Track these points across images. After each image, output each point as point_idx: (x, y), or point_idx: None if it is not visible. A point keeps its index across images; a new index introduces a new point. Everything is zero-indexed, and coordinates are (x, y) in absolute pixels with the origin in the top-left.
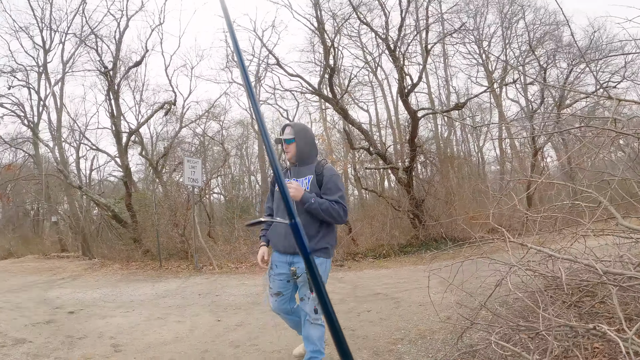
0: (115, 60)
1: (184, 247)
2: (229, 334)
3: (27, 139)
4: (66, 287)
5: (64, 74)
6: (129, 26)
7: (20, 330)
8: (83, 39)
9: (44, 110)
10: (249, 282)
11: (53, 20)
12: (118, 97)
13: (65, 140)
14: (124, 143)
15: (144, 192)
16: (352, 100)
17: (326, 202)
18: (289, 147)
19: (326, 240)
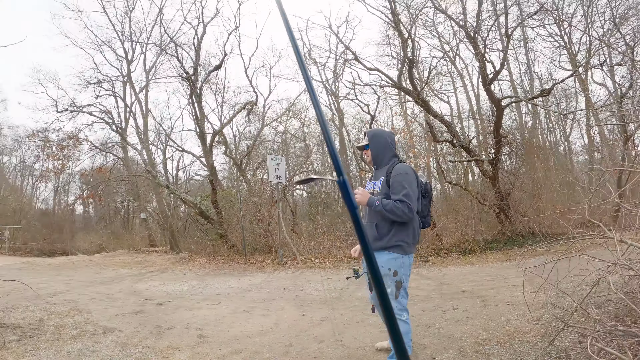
0: (195, 65)
1: (269, 242)
2: (313, 328)
3: (116, 143)
4: (155, 280)
5: (147, 81)
6: (206, 32)
7: (111, 319)
8: (163, 47)
9: (131, 116)
10: (333, 277)
11: (133, 32)
12: (201, 101)
13: (152, 143)
14: (209, 143)
15: (229, 190)
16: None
17: (390, 203)
18: (367, 152)
19: (399, 237)
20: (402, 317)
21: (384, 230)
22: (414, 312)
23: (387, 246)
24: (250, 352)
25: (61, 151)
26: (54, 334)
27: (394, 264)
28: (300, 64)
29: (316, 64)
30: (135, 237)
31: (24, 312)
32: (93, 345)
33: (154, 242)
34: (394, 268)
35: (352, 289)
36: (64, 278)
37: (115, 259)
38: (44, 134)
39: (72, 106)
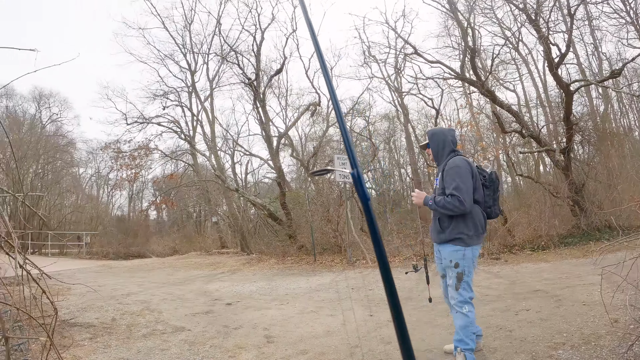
0: (257, 71)
1: (338, 241)
2: (380, 329)
3: (186, 150)
4: (225, 281)
5: (211, 90)
6: (265, 38)
7: (181, 319)
8: (224, 56)
9: (198, 124)
10: (402, 276)
11: (194, 44)
12: (265, 105)
13: (220, 148)
14: (275, 146)
15: (297, 191)
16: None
17: (442, 200)
18: (428, 151)
19: (459, 229)
20: (462, 310)
21: (445, 223)
22: (484, 313)
23: (449, 239)
24: (316, 352)
25: (133, 161)
26: (125, 332)
27: (455, 256)
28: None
29: (376, 60)
30: (207, 240)
31: (98, 312)
32: (162, 343)
33: (225, 244)
34: (455, 260)
35: (422, 288)
36: (138, 280)
37: (188, 261)
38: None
39: (141, 118)
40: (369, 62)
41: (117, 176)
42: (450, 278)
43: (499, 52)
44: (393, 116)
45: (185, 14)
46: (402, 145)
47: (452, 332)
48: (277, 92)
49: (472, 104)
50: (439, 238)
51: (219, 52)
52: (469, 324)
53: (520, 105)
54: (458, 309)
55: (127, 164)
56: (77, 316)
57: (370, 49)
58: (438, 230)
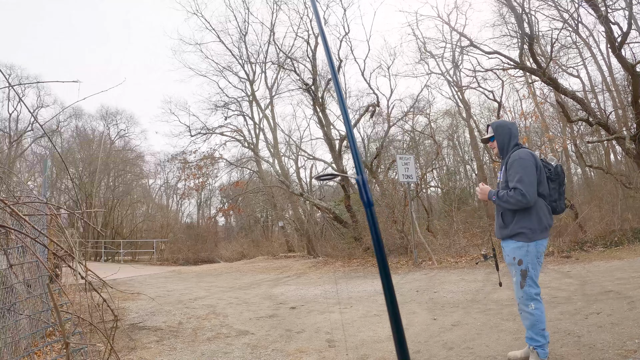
0: (313, 76)
1: (404, 242)
2: (443, 334)
3: (250, 158)
4: (290, 284)
5: (271, 97)
6: (319, 43)
7: (245, 323)
8: (281, 64)
9: (260, 131)
10: (468, 277)
11: (250, 55)
12: (324, 109)
13: (283, 154)
14: (337, 149)
15: None
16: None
17: (505, 194)
18: (493, 144)
19: (522, 224)
20: (528, 308)
21: (508, 218)
22: (552, 317)
23: (511, 234)
24: (377, 357)
25: (200, 170)
26: (191, 335)
27: (518, 253)
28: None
29: (432, 56)
30: (274, 244)
31: (165, 315)
32: (226, 347)
33: (292, 248)
34: (518, 257)
35: (488, 290)
36: (205, 284)
37: (255, 265)
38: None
39: (204, 129)
40: (425, 59)
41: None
42: (514, 276)
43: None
44: (455, 112)
45: (239, 26)
46: (465, 141)
47: (518, 337)
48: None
49: (535, 93)
50: (501, 234)
51: (275, 61)
52: (536, 322)
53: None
54: (524, 307)
55: (194, 173)
56: (146, 320)
57: (425, 44)
58: (501, 225)
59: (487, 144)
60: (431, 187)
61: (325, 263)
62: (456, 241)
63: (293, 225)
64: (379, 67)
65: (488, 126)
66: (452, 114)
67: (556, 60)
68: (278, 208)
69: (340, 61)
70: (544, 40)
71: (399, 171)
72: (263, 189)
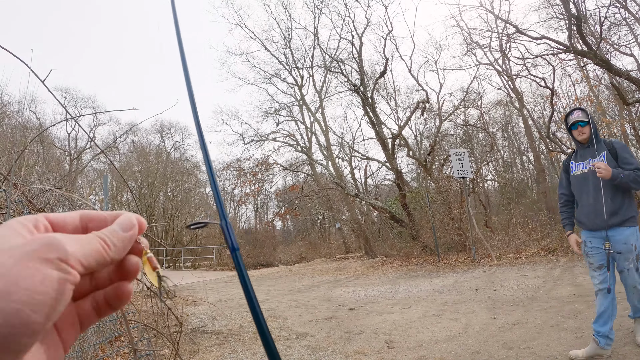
0: (361, 76)
1: (462, 239)
2: (503, 333)
3: (304, 162)
4: (349, 286)
5: (321, 101)
6: (363, 43)
7: (305, 325)
8: (327, 67)
9: (312, 135)
10: (529, 273)
11: (297, 60)
12: (374, 108)
13: (337, 156)
14: (390, 148)
15: (417, 190)
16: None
17: (632, 173)
18: (584, 129)
19: (632, 209)
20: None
21: (617, 204)
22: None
23: (624, 220)
24: (436, 358)
25: (255, 176)
26: (252, 339)
27: (633, 239)
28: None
29: (479, 46)
30: (332, 246)
31: (227, 320)
32: (286, 349)
33: (350, 249)
34: (634, 242)
35: (549, 286)
36: (265, 288)
37: (313, 268)
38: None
39: (257, 136)
40: (472, 50)
41: (241, 192)
42: (631, 262)
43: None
44: (507, 102)
45: (283, 33)
46: (520, 131)
47: (579, 335)
48: (385, 94)
49: (588, 76)
50: (611, 221)
51: (321, 64)
52: None
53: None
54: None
55: (250, 180)
56: (208, 324)
57: (470, 35)
58: (611, 212)
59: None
60: (487, 181)
61: (383, 263)
62: (515, 236)
63: (350, 226)
64: (426, 63)
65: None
66: (504, 104)
67: (607, 39)
68: (334, 210)
69: (386, 59)
70: (592, 19)
71: (454, 167)
72: (318, 192)
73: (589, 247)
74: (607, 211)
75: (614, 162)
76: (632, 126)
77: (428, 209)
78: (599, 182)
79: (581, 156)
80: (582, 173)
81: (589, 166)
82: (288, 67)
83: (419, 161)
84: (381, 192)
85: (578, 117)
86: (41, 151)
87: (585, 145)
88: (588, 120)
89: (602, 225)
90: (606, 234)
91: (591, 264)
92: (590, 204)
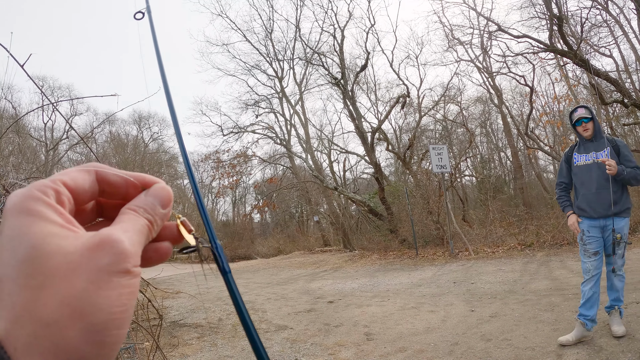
0: (342, 70)
1: (440, 233)
2: (481, 325)
3: (282, 154)
4: (327, 279)
5: (300, 93)
6: (345, 36)
7: (284, 318)
8: (308, 60)
9: (292, 128)
10: (506, 267)
11: (277, 52)
12: (355, 102)
13: (316, 149)
14: (369, 142)
15: (396, 184)
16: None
17: (633, 171)
18: (587, 125)
19: (628, 201)
20: (622, 272)
21: (617, 196)
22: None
23: (621, 210)
24: (415, 350)
25: (233, 168)
26: (231, 332)
27: (625, 229)
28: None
29: (461, 43)
30: (310, 239)
31: (205, 312)
32: (265, 342)
33: (328, 242)
34: (625, 232)
35: (526, 280)
36: (243, 281)
37: (291, 260)
38: (215, 156)
39: (236, 128)
40: (453, 46)
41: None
42: (621, 248)
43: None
44: (486, 98)
45: (264, 24)
46: (499, 128)
47: (556, 328)
48: (365, 88)
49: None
50: (610, 211)
51: (302, 56)
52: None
53: (619, 71)
54: (620, 272)
55: (228, 172)
56: (186, 317)
57: (452, 32)
58: (614, 201)
59: (581, 124)
60: (465, 177)
61: (361, 256)
62: (492, 231)
63: (328, 220)
64: (408, 57)
65: (580, 107)
66: (483, 101)
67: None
68: (313, 203)
69: (367, 53)
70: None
71: (433, 161)
72: (297, 185)
73: (587, 235)
74: (612, 200)
75: (616, 158)
76: (609, 125)
77: (406, 203)
78: (602, 173)
79: (585, 149)
80: (586, 164)
81: (593, 159)
82: (269, 59)
83: (398, 155)
84: (360, 186)
85: (582, 114)
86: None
87: (589, 140)
88: (592, 117)
89: (606, 212)
90: (611, 221)
91: (587, 250)
92: (592, 193)
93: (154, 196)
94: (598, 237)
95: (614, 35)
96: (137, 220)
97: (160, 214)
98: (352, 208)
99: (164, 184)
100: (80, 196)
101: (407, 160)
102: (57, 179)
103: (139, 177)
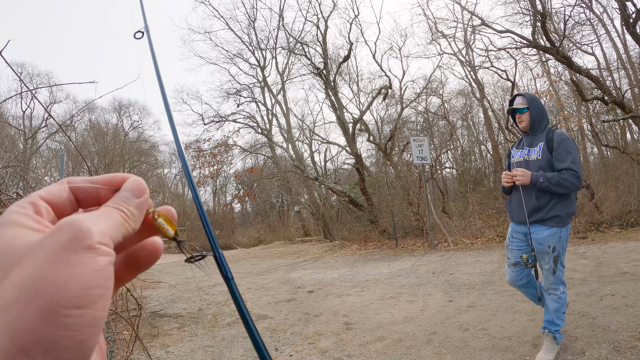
0: (325, 60)
1: (419, 224)
2: (459, 315)
3: (264, 144)
4: (307, 269)
5: (283, 83)
6: (329, 26)
7: (264, 307)
8: (291, 49)
9: (273, 117)
10: (484, 258)
11: (260, 41)
12: (337, 92)
13: (297, 139)
14: (351, 132)
15: (377, 175)
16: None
17: (555, 176)
18: (522, 116)
19: (558, 208)
20: (557, 292)
21: (543, 202)
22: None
23: (545, 218)
24: (393, 339)
25: (214, 158)
26: (211, 321)
27: (552, 240)
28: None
29: (444, 36)
30: (290, 229)
31: (186, 302)
32: (245, 331)
33: (308, 232)
34: (552, 244)
35: (503, 271)
36: None
37: (272, 250)
38: (196, 145)
39: (217, 117)
40: (436, 39)
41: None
42: (547, 263)
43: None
44: (468, 92)
45: (247, 13)
46: (480, 121)
47: (533, 318)
48: (347, 79)
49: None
50: (531, 217)
51: (285, 46)
52: (563, 305)
53: (600, 68)
54: (553, 291)
55: (209, 161)
56: (166, 307)
57: (436, 25)
58: (534, 207)
59: (515, 116)
60: (446, 169)
61: (341, 246)
62: (472, 222)
63: (309, 210)
64: (391, 49)
65: (518, 96)
66: (465, 94)
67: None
68: (293, 193)
69: (351, 44)
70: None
71: (413, 153)
72: (278, 174)
73: (510, 240)
74: (532, 206)
75: (548, 155)
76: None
77: (387, 193)
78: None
79: (522, 144)
80: (519, 162)
81: (525, 156)
82: (251, 48)
83: (379, 146)
84: (340, 176)
85: (517, 103)
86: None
87: (526, 134)
88: (528, 107)
89: (522, 219)
90: (526, 229)
91: (508, 258)
92: (517, 195)
93: (126, 190)
94: (522, 246)
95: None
96: (106, 209)
97: (136, 203)
98: (333, 198)
99: (134, 177)
100: (59, 206)
101: (388, 151)
102: (35, 194)
103: (108, 179)
